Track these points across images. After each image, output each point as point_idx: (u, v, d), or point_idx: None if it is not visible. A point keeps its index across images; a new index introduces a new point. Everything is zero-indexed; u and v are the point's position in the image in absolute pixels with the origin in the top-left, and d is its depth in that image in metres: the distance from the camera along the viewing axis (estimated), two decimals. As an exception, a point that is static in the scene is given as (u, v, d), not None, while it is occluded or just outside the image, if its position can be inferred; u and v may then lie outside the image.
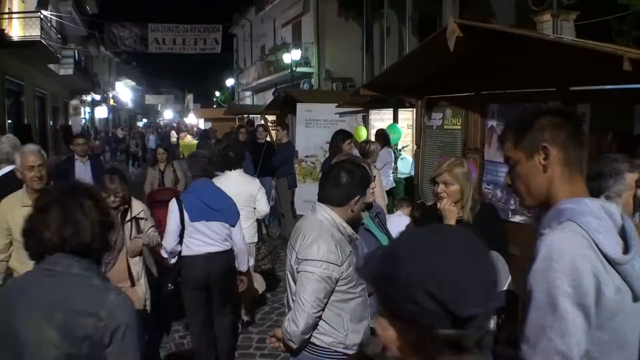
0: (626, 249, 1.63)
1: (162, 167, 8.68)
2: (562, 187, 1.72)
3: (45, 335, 1.88)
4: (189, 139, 24.95)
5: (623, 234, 1.65)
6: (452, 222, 3.46)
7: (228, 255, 4.83)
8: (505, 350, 1.92)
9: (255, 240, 6.11)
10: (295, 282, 2.88)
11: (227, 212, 4.82)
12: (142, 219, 4.61)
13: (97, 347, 1.90)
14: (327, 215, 2.95)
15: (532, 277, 1.61)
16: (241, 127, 13.53)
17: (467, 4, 18.11)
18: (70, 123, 30.22)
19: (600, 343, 1.57)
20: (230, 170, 5.80)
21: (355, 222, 3.12)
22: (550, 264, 1.56)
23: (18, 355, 1.91)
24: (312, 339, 2.88)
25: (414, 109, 8.32)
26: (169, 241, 4.66)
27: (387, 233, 3.77)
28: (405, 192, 8.95)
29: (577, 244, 1.57)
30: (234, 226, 4.83)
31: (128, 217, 4.51)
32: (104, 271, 2.24)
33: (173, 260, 4.76)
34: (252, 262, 5.82)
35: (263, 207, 5.94)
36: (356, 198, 2.97)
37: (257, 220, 6.09)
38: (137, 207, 4.59)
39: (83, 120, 37.13)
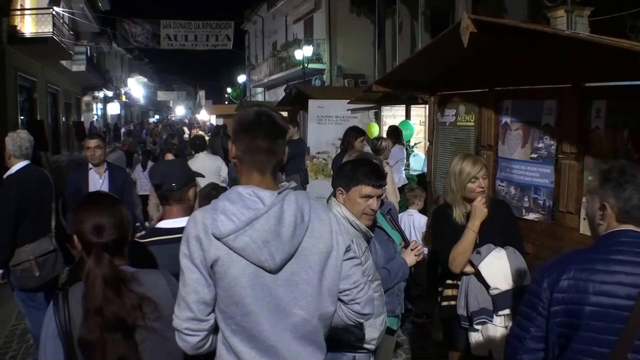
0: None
1: None
2: (243, 179, 2.15)
3: None
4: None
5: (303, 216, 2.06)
6: (478, 222, 3.43)
7: None
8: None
9: None
10: None
11: None
12: None
13: None
14: (340, 210, 3.01)
15: None
16: None
17: (480, 0, 18.01)
18: (82, 119, 30.38)
19: (223, 298, 2.00)
20: (199, 152, 8.09)
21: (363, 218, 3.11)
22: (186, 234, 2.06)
23: None
24: (330, 334, 2.89)
25: (427, 106, 8.27)
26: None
27: (399, 230, 3.73)
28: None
29: (196, 218, 2.02)
30: None
31: None
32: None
33: None
34: None
35: (224, 173, 8.09)
36: (339, 189, 3.12)
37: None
38: None
39: (95, 117, 37.26)
